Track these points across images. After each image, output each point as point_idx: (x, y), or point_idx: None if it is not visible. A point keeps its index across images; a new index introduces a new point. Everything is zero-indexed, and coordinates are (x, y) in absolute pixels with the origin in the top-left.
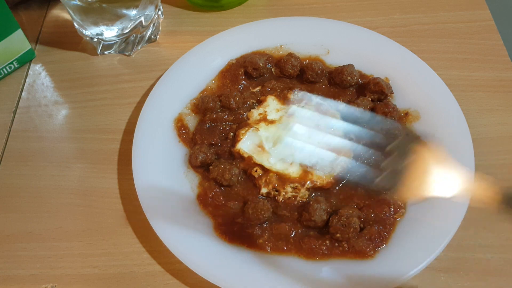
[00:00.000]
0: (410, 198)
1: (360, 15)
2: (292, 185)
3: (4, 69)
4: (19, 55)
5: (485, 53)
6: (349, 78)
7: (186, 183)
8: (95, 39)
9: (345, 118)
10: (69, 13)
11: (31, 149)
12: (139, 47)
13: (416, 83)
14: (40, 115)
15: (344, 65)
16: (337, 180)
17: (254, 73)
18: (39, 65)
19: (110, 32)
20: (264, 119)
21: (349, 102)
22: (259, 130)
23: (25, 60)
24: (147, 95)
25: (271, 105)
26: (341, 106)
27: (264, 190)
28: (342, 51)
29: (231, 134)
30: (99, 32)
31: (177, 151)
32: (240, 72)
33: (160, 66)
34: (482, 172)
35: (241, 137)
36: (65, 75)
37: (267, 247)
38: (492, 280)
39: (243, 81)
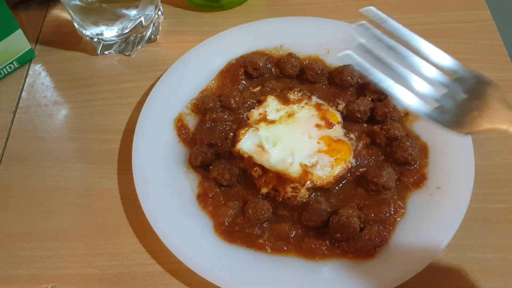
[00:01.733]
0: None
1: (360, 15)
2: (292, 185)
3: (4, 69)
4: (19, 55)
5: (485, 53)
6: (349, 78)
7: (186, 183)
8: (95, 39)
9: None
10: (69, 13)
11: (31, 149)
12: (139, 47)
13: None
14: (40, 115)
15: (344, 65)
16: (337, 180)
17: (254, 73)
18: (39, 65)
19: (110, 32)
20: (264, 119)
21: (349, 102)
22: (259, 130)
23: (25, 60)
24: (147, 95)
25: (271, 105)
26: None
27: (264, 190)
28: (342, 51)
29: (231, 134)
30: (99, 32)
31: (177, 151)
32: (240, 72)
33: (160, 66)
34: (482, 172)
35: (241, 137)
36: (65, 75)
37: (267, 247)
38: (492, 280)
39: (243, 81)
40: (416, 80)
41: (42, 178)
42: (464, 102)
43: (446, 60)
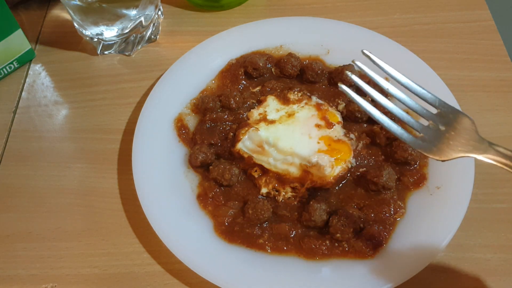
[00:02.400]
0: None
1: (360, 15)
2: (292, 185)
3: (4, 69)
4: (19, 55)
5: (485, 53)
6: (349, 78)
7: (186, 183)
8: (95, 39)
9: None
10: (69, 13)
11: (31, 149)
12: (139, 47)
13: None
14: (40, 115)
15: (344, 65)
16: (337, 180)
17: (254, 73)
18: (39, 65)
19: (110, 32)
20: (264, 119)
21: (349, 102)
22: (259, 130)
23: (25, 60)
24: (147, 95)
25: (271, 105)
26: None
27: (264, 190)
28: (342, 51)
29: (231, 134)
30: (99, 32)
31: (177, 151)
32: (240, 72)
33: (160, 66)
34: (482, 172)
35: (241, 137)
36: (65, 75)
37: (267, 247)
38: (492, 280)
39: (243, 81)
40: (403, 113)
41: (42, 178)
42: (442, 133)
43: (431, 96)
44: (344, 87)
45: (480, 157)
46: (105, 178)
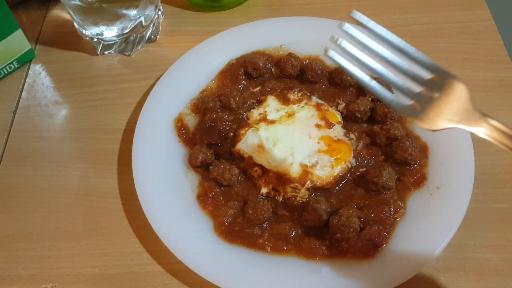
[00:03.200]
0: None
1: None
2: (292, 185)
3: (4, 69)
4: (19, 55)
5: (485, 53)
6: (349, 78)
7: (186, 183)
8: (95, 39)
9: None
10: (69, 13)
11: (31, 149)
12: (139, 47)
13: None
14: (40, 115)
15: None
16: (337, 180)
17: (254, 73)
18: (39, 65)
19: (110, 32)
20: (264, 119)
21: (349, 102)
22: (259, 130)
23: (25, 60)
24: (147, 95)
25: (271, 105)
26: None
27: (264, 190)
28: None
29: (231, 134)
30: (99, 32)
31: (177, 151)
32: (240, 72)
33: (160, 66)
34: (482, 172)
35: (241, 137)
36: (65, 75)
37: (267, 247)
38: (492, 280)
39: (243, 81)
40: (393, 77)
41: (42, 178)
42: (434, 100)
43: (424, 59)
44: (331, 52)
45: (471, 128)
46: (105, 178)
